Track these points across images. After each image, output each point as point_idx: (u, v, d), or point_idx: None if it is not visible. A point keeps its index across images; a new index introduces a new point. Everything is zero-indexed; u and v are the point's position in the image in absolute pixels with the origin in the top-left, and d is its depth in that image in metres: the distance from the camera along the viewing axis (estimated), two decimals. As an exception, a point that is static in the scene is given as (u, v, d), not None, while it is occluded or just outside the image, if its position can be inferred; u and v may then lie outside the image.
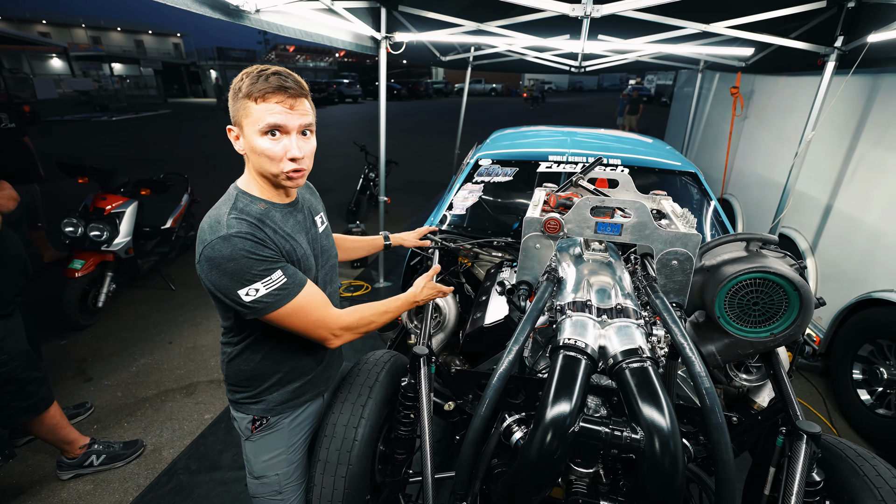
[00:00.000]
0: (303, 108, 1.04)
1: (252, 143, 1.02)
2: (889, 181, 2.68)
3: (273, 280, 1.01)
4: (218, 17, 2.12)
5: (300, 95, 1.03)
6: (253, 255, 0.99)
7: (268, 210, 1.10)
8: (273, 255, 1.03)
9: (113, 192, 3.56)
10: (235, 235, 0.99)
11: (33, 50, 28.46)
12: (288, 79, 1.01)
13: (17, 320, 1.94)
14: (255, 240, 1.01)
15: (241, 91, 1.00)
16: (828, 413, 2.76)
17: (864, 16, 2.64)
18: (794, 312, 1.30)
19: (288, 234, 1.12)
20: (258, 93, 0.98)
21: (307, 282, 1.09)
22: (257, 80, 0.99)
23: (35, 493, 2.10)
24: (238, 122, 1.04)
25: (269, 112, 0.99)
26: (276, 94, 0.99)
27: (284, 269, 1.04)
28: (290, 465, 1.29)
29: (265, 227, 1.06)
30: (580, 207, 1.29)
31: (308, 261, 1.16)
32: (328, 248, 1.30)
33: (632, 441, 0.93)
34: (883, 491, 1.03)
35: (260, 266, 1.00)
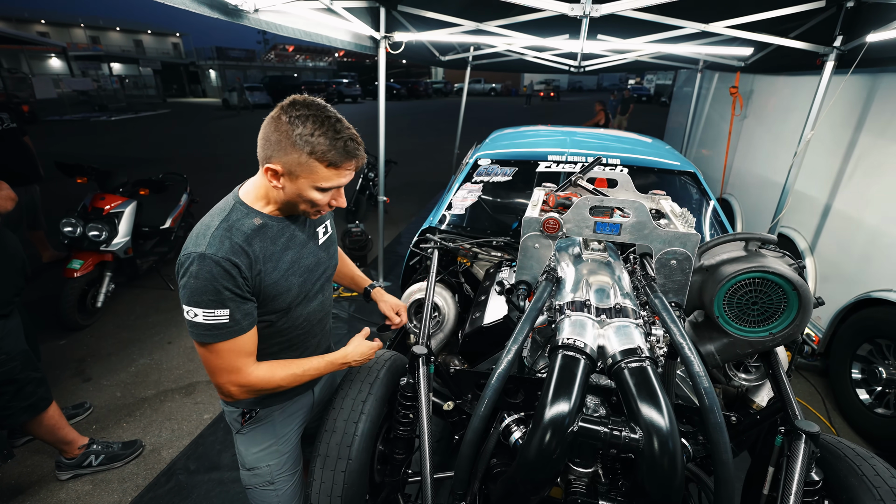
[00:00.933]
0: None
1: (303, 193, 1.03)
2: (888, 181, 2.68)
3: (215, 315, 0.99)
4: (217, 17, 2.12)
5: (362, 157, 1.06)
6: (214, 283, 0.98)
7: (262, 226, 1.08)
8: (233, 291, 1.00)
9: (112, 192, 3.55)
10: (210, 257, 0.97)
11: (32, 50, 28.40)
12: (360, 147, 1.03)
13: (15, 320, 1.94)
14: (227, 266, 0.98)
15: (310, 147, 0.97)
16: (827, 412, 2.77)
17: (863, 15, 2.64)
18: (792, 312, 1.31)
19: (273, 253, 1.09)
20: (330, 160, 0.99)
21: (247, 333, 1.05)
22: (334, 146, 0.98)
23: (34, 494, 2.10)
24: (292, 171, 1.00)
25: (338, 177, 1.02)
26: (349, 163, 1.02)
27: (234, 310, 1.01)
28: (280, 455, 1.31)
29: (250, 247, 1.03)
30: (579, 207, 1.29)
31: (287, 280, 1.13)
32: (325, 259, 1.27)
33: (630, 441, 0.93)
34: (881, 490, 1.03)
35: (212, 296, 0.98)
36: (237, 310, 1.02)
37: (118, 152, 10.82)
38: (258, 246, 1.06)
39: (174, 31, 45.79)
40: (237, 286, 1.01)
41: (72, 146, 11.37)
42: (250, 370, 1.07)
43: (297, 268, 1.16)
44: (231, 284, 0.99)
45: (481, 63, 6.24)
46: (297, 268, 1.16)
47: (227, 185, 1.16)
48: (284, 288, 1.12)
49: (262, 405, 1.26)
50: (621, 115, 11.93)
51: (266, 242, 1.08)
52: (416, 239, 2.34)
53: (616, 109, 12.05)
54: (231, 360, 1.04)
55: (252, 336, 1.07)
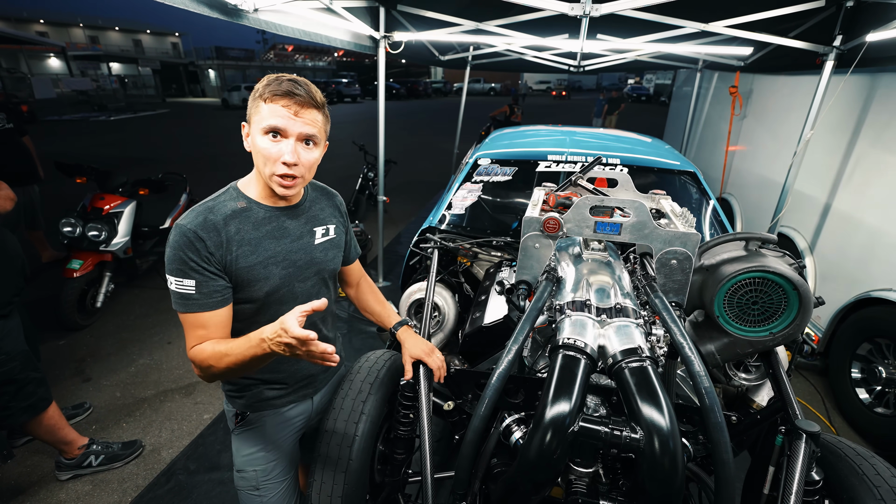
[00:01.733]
0: (309, 118, 1.05)
1: (254, 139, 1.06)
2: (887, 180, 2.68)
3: (183, 284, 1.02)
4: (216, 17, 2.11)
5: (310, 105, 1.05)
6: (180, 250, 1.02)
7: (245, 209, 1.11)
8: (198, 263, 1.02)
9: (111, 192, 3.55)
10: (181, 227, 1.03)
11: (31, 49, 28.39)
12: (300, 87, 1.03)
13: (15, 320, 1.94)
14: (193, 238, 1.02)
15: (258, 91, 1.04)
16: (826, 412, 2.77)
17: (862, 15, 2.64)
18: (793, 312, 1.31)
19: (253, 238, 1.10)
20: (268, 94, 1.02)
21: (214, 310, 1.05)
22: (272, 82, 1.03)
23: (33, 494, 2.10)
24: (249, 119, 1.07)
25: (273, 113, 1.02)
26: (283, 97, 1.02)
27: (202, 284, 1.03)
28: (267, 462, 1.29)
29: (223, 228, 1.06)
30: (579, 207, 1.29)
31: (266, 269, 1.12)
32: (320, 261, 1.25)
33: (631, 440, 0.93)
34: (882, 490, 1.03)
35: (179, 265, 1.02)
36: (203, 284, 1.03)
37: (117, 152, 10.81)
38: (234, 227, 1.08)
39: (173, 31, 45.76)
40: (202, 259, 1.03)
41: (71, 146, 11.35)
42: (195, 349, 1.05)
43: (280, 259, 1.15)
44: (196, 256, 1.02)
45: (481, 63, 6.24)
46: (280, 259, 1.15)
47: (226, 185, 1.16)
48: (262, 275, 1.12)
49: (252, 409, 1.26)
50: (609, 114, 11.66)
51: (246, 226, 1.10)
52: (416, 239, 2.34)
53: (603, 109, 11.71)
54: (189, 334, 1.06)
55: (219, 315, 1.07)
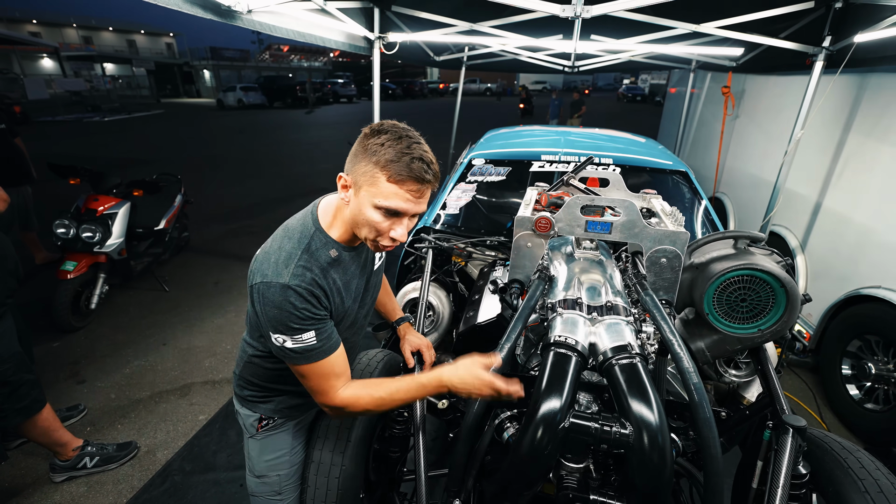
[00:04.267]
0: (427, 196, 1.01)
1: (363, 209, 0.98)
2: (876, 179, 2.72)
3: (303, 339, 1.00)
4: (210, 18, 2.12)
5: (434, 183, 0.99)
6: (297, 312, 0.98)
7: (338, 258, 1.08)
8: (315, 316, 1.01)
9: (105, 193, 3.54)
10: (293, 288, 0.97)
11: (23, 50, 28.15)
12: (429, 171, 0.96)
13: (8, 322, 1.93)
14: (309, 297, 0.99)
15: (380, 162, 0.94)
16: (818, 408, 2.80)
17: (850, 16, 2.67)
18: (780, 309, 1.33)
19: (344, 284, 1.11)
20: (395, 175, 0.93)
21: (335, 350, 1.06)
22: (399, 159, 0.93)
23: (28, 496, 2.09)
24: (357, 181, 0.98)
25: (397, 196, 0.95)
26: (413, 183, 0.94)
27: (320, 331, 1.02)
28: (291, 466, 1.29)
29: (325, 280, 1.04)
30: (570, 206, 1.30)
31: (351, 307, 1.16)
32: (376, 284, 1.29)
33: (621, 436, 0.95)
34: (866, 482, 1.05)
35: (298, 323, 0.99)
36: (321, 332, 1.02)
37: (111, 153, 10.75)
38: (331, 278, 1.07)
39: (168, 31, 45.50)
40: (317, 314, 1.02)
41: (65, 147, 11.29)
42: (337, 392, 1.06)
43: (357, 294, 1.18)
44: (313, 310, 1.00)
45: (476, 63, 6.25)
46: (357, 294, 1.18)
47: (221, 186, 1.18)
48: (344, 314, 1.14)
49: (281, 414, 1.25)
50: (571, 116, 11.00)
51: (339, 273, 1.09)
52: (411, 238, 2.35)
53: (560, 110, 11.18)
54: (319, 382, 1.05)
55: (339, 356, 1.07)
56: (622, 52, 4.73)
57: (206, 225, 5.68)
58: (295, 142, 13.22)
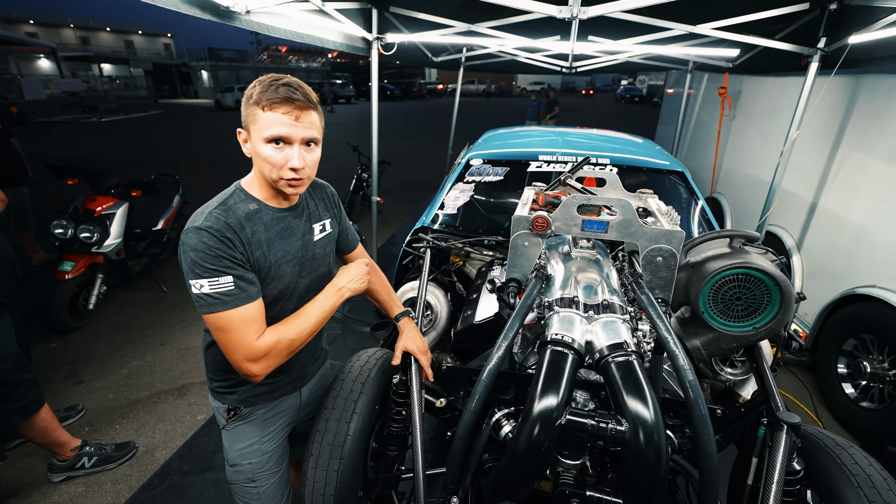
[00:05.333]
0: (309, 121, 1.06)
1: (257, 148, 1.05)
2: (871, 178, 2.74)
3: (220, 283, 1.02)
4: (208, 18, 2.12)
5: (308, 108, 1.05)
6: (210, 251, 1.01)
7: (257, 211, 1.12)
8: (232, 259, 1.04)
9: (103, 194, 3.54)
10: (206, 228, 1.02)
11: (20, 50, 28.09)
12: (297, 91, 1.03)
13: (6, 322, 1.93)
14: (222, 238, 1.02)
15: (252, 98, 1.03)
16: (814, 407, 2.82)
17: (845, 18, 2.69)
18: (775, 307, 1.34)
19: (266, 240, 1.13)
20: (266, 102, 1.01)
21: (255, 300, 1.07)
22: (268, 88, 1.01)
23: (26, 496, 2.09)
24: (247, 126, 1.06)
25: (275, 122, 1.02)
26: (283, 104, 1.01)
27: (238, 277, 1.04)
28: (263, 454, 1.32)
29: (242, 230, 1.07)
30: (567, 206, 1.31)
31: (280, 269, 1.16)
32: (321, 256, 1.29)
33: (617, 433, 0.95)
34: (859, 478, 1.06)
35: (213, 263, 1.01)
36: (240, 278, 1.04)
37: (109, 154, 10.72)
38: (250, 230, 1.09)
39: (165, 32, 45.43)
40: (234, 257, 1.04)
41: (62, 148, 11.25)
42: (260, 340, 1.07)
43: (289, 258, 1.18)
44: (228, 254, 1.03)
45: (474, 64, 6.27)
46: (289, 258, 1.18)
47: (219, 187, 1.18)
48: (276, 275, 1.15)
49: (246, 403, 1.28)
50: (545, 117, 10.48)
51: (259, 227, 1.12)
52: (409, 238, 2.36)
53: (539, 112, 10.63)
54: (242, 331, 1.04)
55: (259, 305, 1.09)
56: (619, 53, 4.75)
57: (204, 225, 5.67)
58: (293, 142, 13.17)
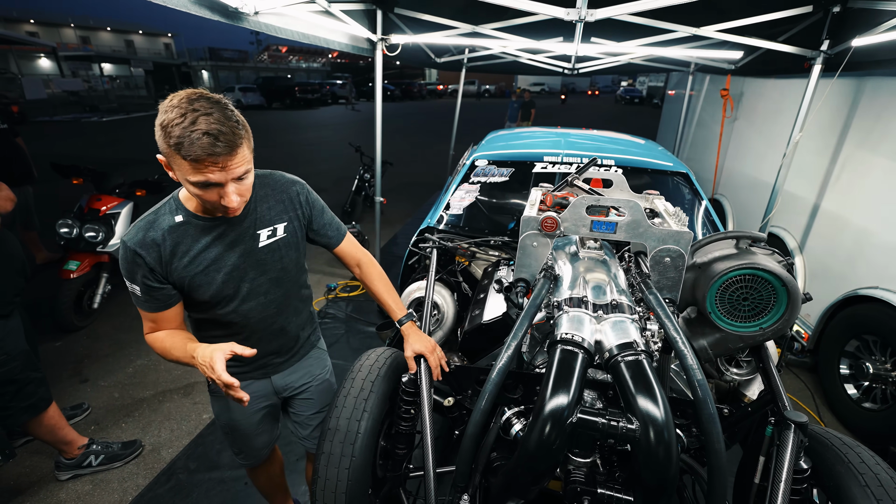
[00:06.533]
0: (237, 160, 0.99)
1: (186, 185, 1.02)
2: (874, 181, 2.75)
3: (133, 287, 1.16)
4: (217, 19, 2.13)
5: (234, 150, 0.97)
6: (126, 264, 1.14)
7: (181, 224, 1.16)
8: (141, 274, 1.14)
9: (108, 193, 3.55)
10: (126, 243, 1.13)
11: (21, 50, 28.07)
12: (218, 140, 0.93)
13: (15, 321, 1.94)
14: (132, 255, 1.12)
15: (170, 139, 0.93)
16: (816, 408, 2.83)
17: (849, 20, 2.71)
18: (781, 307, 1.35)
19: (193, 249, 1.17)
20: (186, 156, 0.94)
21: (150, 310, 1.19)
22: (185, 138, 0.92)
23: (34, 494, 2.10)
24: (168, 161, 1.00)
25: (199, 173, 0.97)
26: (206, 159, 0.94)
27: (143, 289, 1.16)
28: (234, 421, 1.47)
29: (160, 245, 1.14)
30: (576, 206, 1.32)
31: (207, 276, 1.20)
32: (270, 262, 1.29)
33: (627, 431, 0.96)
34: (866, 477, 1.07)
35: (128, 274, 1.15)
36: (147, 291, 1.16)
37: (110, 153, 10.73)
38: (171, 241, 1.15)
39: (166, 32, 45.45)
40: (144, 273, 1.14)
41: (63, 147, 11.26)
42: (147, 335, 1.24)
43: (220, 265, 1.21)
44: (138, 270, 1.14)
45: (476, 65, 6.28)
46: (220, 265, 1.21)
47: None
48: (203, 282, 1.21)
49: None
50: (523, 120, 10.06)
51: (185, 239, 1.17)
52: (415, 238, 2.37)
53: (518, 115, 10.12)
54: (144, 323, 1.23)
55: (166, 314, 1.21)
56: (622, 55, 4.77)
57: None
58: (294, 143, 13.22)
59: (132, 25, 43.25)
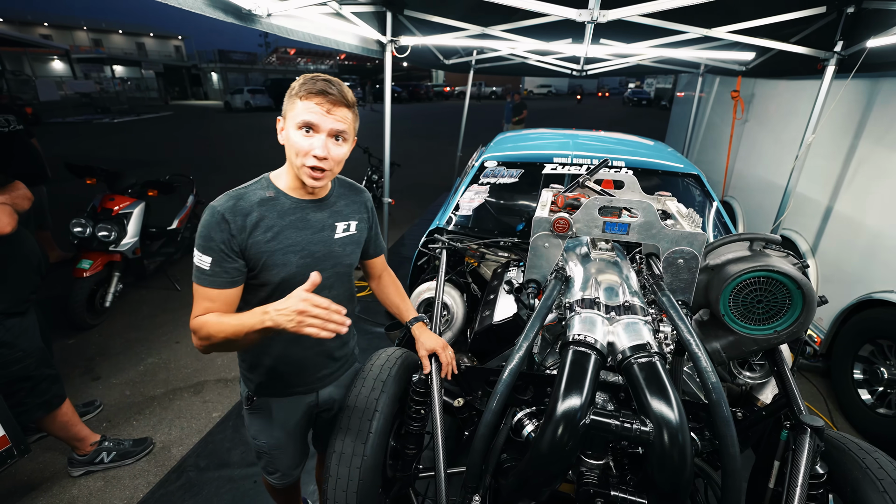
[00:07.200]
0: (340, 116, 1.13)
1: (289, 133, 1.13)
2: (888, 183, 2.72)
3: (202, 259, 1.12)
4: (230, 21, 2.16)
5: (340, 104, 1.12)
6: (208, 228, 1.12)
7: (272, 199, 1.19)
8: (220, 242, 1.12)
9: (121, 193, 3.59)
10: (213, 206, 1.13)
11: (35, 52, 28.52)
12: (333, 87, 1.11)
13: (31, 318, 1.97)
14: (219, 219, 1.12)
15: (294, 89, 1.12)
16: (829, 413, 2.79)
17: (863, 21, 2.68)
18: (796, 310, 1.34)
19: (277, 226, 1.18)
20: (304, 92, 1.10)
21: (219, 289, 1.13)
22: (307, 81, 1.11)
23: (47, 490, 2.13)
24: (284, 114, 1.15)
25: (307, 110, 1.10)
26: (317, 95, 1.09)
27: (218, 262, 1.12)
28: (275, 440, 1.42)
29: (246, 215, 1.15)
30: (588, 207, 1.32)
31: (285, 256, 1.19)
32: (338, 254, 1.31)
33: (641, 433, 0.96)
34: (885, 482, 1.05)
35: (204, 240, 1.12)
36: (218, 263, 1.12)
37: (121, 154, 10.87)
38: (258, 214, 1.16)
39: (176, 34, 45.94)
40: (224, 240, 1.12)
41: (75, 148, 11.42)
42: (195, 318, 1.14)
43: (298, 248, 1.22)
44: (219, 236, 1.11)
45: (484, 66, 6.29)
46: (298, 248, 1.22)
47: (230, 187, 1.21)
48: (280, 262, 1.19)
49: (259, 393, 1.36)
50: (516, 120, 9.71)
51: (271, 213, 1.18)
52: (425, 239, 2.37)
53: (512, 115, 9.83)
54: (196, 304, 1.15)
55: (226, 294, 1.15)
56: (632, 56, 4.75)
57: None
58: (302, 144, 13.26)
59: (143, 28, 43.81)
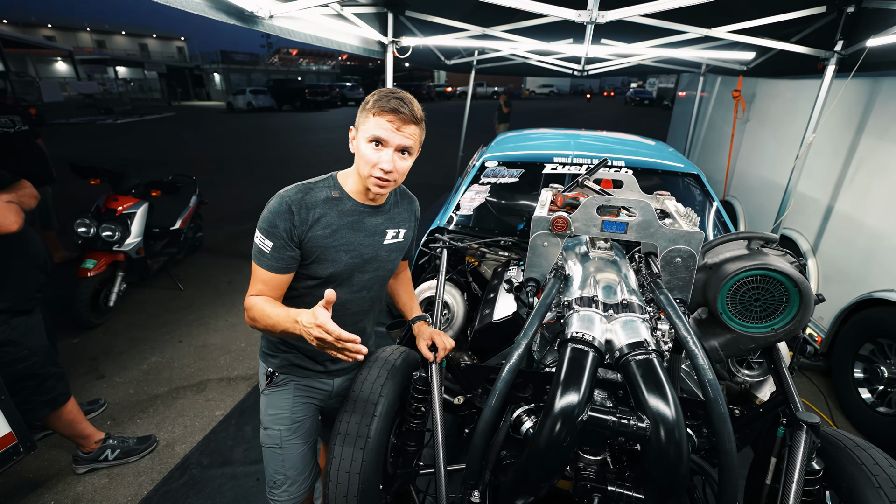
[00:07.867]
0: (408, 133, 1.20)
1: (359, 145, 1.21)
2: (889, 182, 2.72)
3: (264, 242, 1.20)
4: (233, 23, 2.18)
5: (410, 122, 1.19)
6: (274, 215, 1.18)
7: (337, 198, 1.26)
8: (282, 230, 1.18)
9: (125, 194, 3.62)
10: (282, 194, 1.21)
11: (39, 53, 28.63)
12: (405, 105, 1.18)
13: (37, 317, 1.99)
14: (283, 209, 1.19)
15: (368, 104, 1.20)
16: (829, 412, 2.79)
17: (863, 21, 2.68)
18: (794, 308, 1.35)
19: (335, 224, 1.25)
20: (377, 109, 1.17)
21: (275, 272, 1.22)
22: (381, 98, 1.18)
23: (51, 487, 2.15)
24: (357, 126, 1.23)
25: (378, 126, 1.17)
26: (390, 113, 1.16)
27: (277, 247, 1.20)
28: (292, 423, 1.40)
29: (310, 209, 1.22)
30: (587, 206, 1.33)
31: (336, 253, 1.26)
32: (384, 260, 1.38)
33: (638, 429, 0.97)
34: (880, 479, 1.06)
35: (268, 225, 1.19)
36: (278, 249, 1.20)
37: (125, 155, 10.92)
38: (321, 210, 1.23)
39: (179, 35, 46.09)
40: (286, 230, 1.19)
41: (79, 149, 11.47)
42: (249, 298, 1.25)
43: (350, 248, 1.28)
44: (283, 224, 1.18)
45: (486, 67, 6.30)
46: (350, 248, 1.28)
47: (233, 188, 1.25)
48: (332, 257, 1.26)
49: (282, 370, 1.38)
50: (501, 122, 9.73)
51: (332, 212, 1.25)
52: (426, 238, 2.39)
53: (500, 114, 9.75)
54: (253, 283, 1.25)
55: (278, 279, 1.23)
56: (633, 56, 4.76)
57: (219, 226, 5.77)
58: (305, 144, 13.35)
59: (146, 29, 43.96)
